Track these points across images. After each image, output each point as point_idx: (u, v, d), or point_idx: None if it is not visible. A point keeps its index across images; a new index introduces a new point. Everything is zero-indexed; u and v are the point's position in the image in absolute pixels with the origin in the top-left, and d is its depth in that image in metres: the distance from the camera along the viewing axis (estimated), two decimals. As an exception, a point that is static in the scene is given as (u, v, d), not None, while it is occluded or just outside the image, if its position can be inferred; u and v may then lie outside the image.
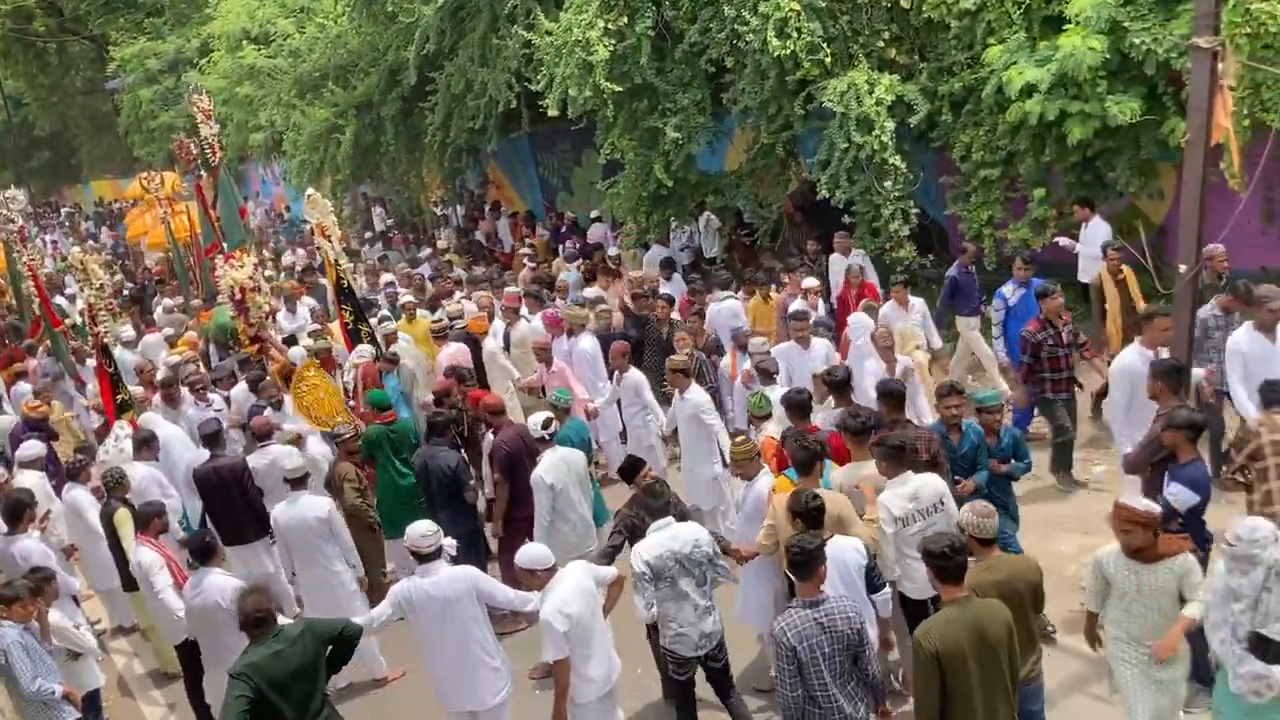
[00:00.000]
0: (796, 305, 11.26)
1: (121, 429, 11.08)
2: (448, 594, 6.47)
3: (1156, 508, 5.71)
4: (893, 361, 9.48)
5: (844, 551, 6.23)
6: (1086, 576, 6.21)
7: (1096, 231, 11.49)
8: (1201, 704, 6.48)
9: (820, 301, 11.93)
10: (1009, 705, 5.26)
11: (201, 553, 7.42)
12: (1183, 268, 7.55)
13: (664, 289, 13.18)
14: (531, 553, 6.32)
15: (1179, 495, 6.35)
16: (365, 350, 11.70)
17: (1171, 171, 11.43)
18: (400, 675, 8.71)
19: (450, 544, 7.02)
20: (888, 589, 6.48)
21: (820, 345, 10.33)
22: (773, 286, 12.48)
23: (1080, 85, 10.51)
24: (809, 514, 6.11)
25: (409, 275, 16.86)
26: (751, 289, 12.54)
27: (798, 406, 7.93)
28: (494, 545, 9.36)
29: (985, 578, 5.54)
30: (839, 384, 8.41)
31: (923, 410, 9.51)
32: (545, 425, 8.34)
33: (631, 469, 7.25)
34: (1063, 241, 11.85)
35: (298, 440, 9.87)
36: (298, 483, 8.37)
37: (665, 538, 6.51)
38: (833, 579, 5.93)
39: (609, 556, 7.17)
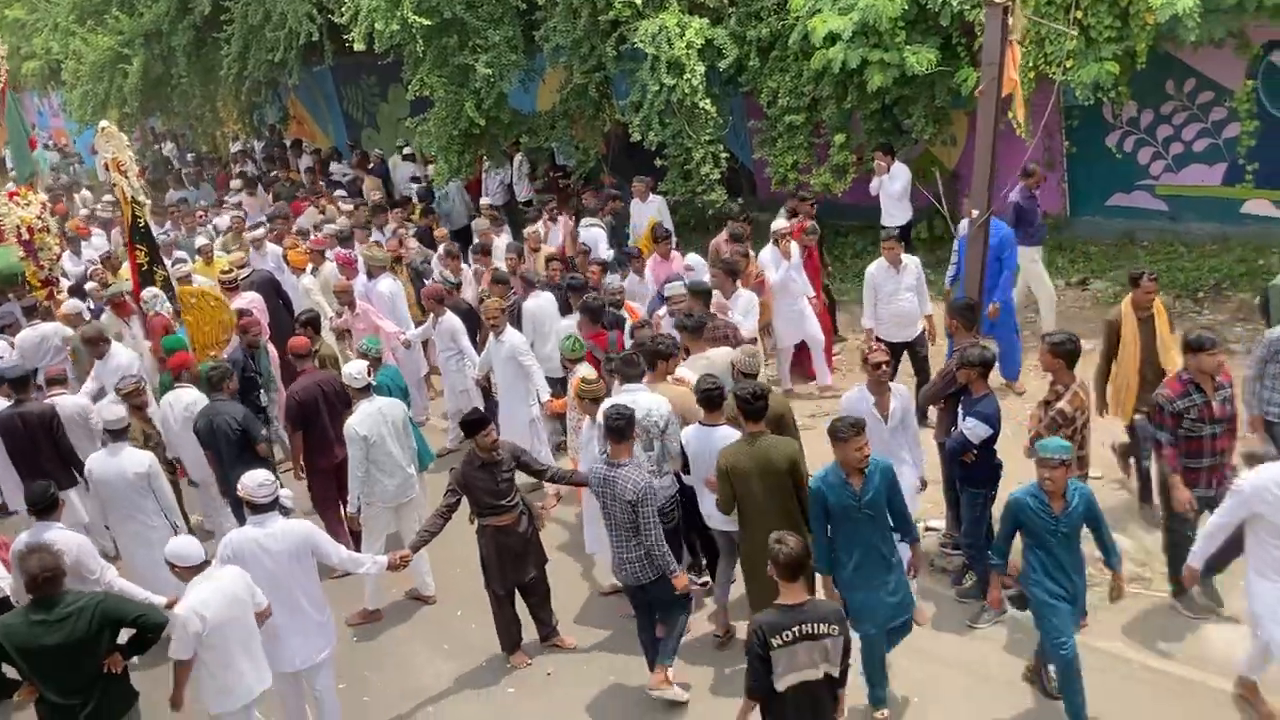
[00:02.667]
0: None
1: None
2: (281, 547, 6.25)
3: None
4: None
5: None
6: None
7: (898, 175, 11.98)
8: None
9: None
10: (790, 518, 6.34)
11: (43, 506, 6.89)
12: (974, 212, 7.98)
13: (500, 240, 12.96)
14: (178, 547, 6.06)
15: (974, 429, 6.77)
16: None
17: (964, 119, 12.05)
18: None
19: (287, 495, 6.81)
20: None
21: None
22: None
23: (881, 35, 10.89)
24: (709, 397, 6.89)
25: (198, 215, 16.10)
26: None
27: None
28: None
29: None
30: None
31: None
32: (368, 373, 8.08)
33: (473, 424, 7.03)
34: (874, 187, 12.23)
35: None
36: (119, 434, 7.90)
37: (626, 400, 7.05)
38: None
39: (445, 515, 7.07)
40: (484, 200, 14.37)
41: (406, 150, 18.25)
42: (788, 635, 5.02)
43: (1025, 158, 9.70)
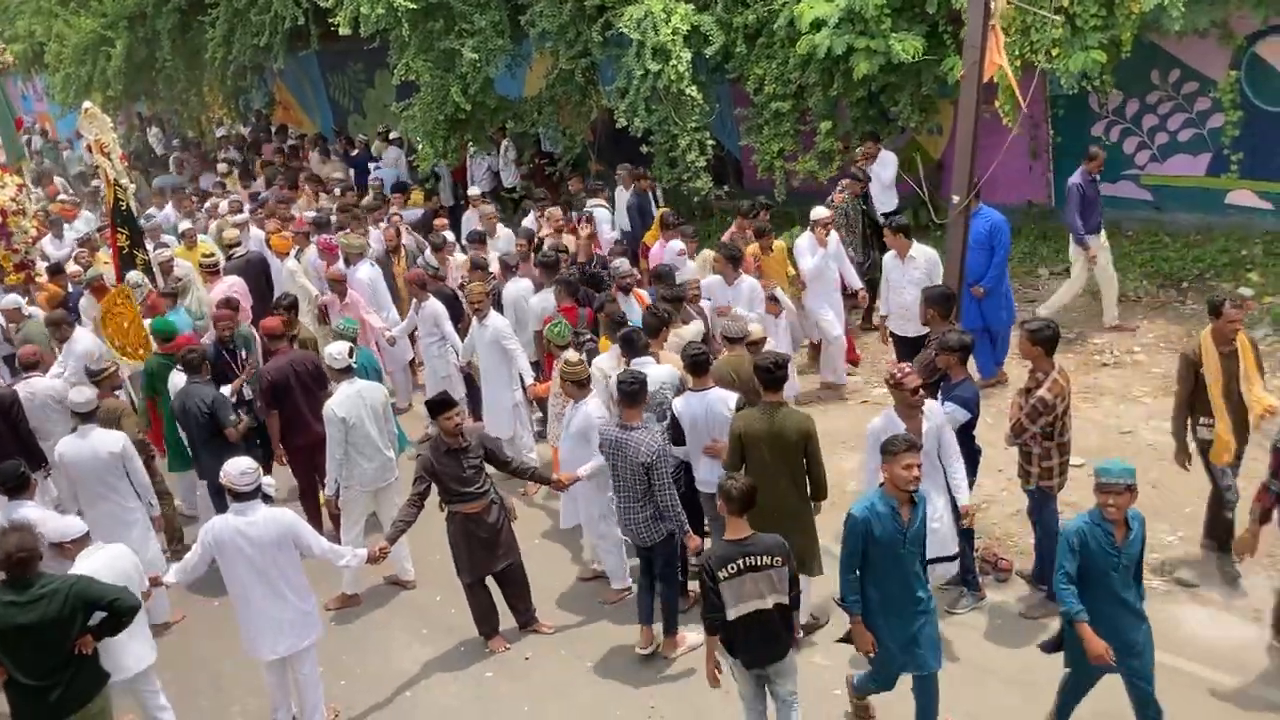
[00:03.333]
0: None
1: None
2: (262, 536, 6.21)
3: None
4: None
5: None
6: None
7: (887, 163, 11.96)
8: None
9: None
10: (795, 486, 6.55)
11: (14, 485, 6.84)
12: (955, 199, 7.98)
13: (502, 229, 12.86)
14: (59, 525, 6.05)
15: (954, 414, 6.77)
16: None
17: (950, 108, 12.00)
18: (180, 618, 8.36)
19: (269, 483, 6.77)
20: None
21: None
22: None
23: (867, 22, 10.85)
24: (696, 363, 7.00)
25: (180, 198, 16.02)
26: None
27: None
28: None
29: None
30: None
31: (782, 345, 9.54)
32: (349, 354, 8.03)
33: (439, 405, 7.04)
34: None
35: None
36: (87, 416, 7.85)
37: (656, 372, 7.38)
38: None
39: (417, 503, 7.03)
40: (473, 190, 14.19)
41: (393, 135, 18.14)
42: (733, 568, 5.34)
43: (1007, 146, 9.67)
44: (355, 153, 19.25)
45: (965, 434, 6.87)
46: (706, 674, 5.60)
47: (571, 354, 7.84)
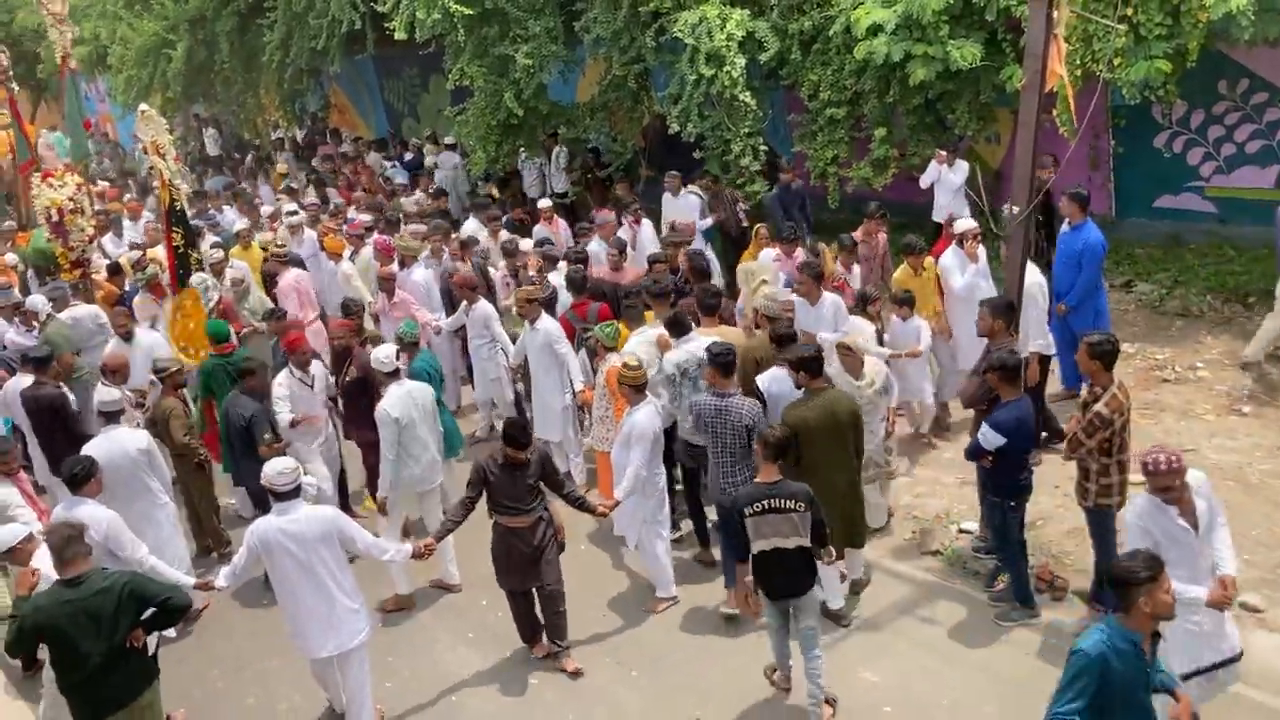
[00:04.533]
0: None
1: None
2: (305, 533, 6.21)
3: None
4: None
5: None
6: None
7: (958, 169, 11.86)
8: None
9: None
10: (847, 471, 6.94)
11: (75, 480, 6.91)
12: (1015, 209, 7.82)
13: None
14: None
15: (986, 435, 6.64)
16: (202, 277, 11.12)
17: (1008, 117, 11.84)
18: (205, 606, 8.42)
19: (310, 482, 6.77)
20: None
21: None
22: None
23: (924, 28, 10.72)
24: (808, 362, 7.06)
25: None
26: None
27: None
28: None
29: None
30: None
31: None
32: (396, 357, 8.10)
33: (514, 439, 6.81)
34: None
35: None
36: (111, 416, 7.95)
37: (694, 347, 7.76)
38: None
39: (467, 507, 6.94)
40: (544, 203, 13.80)
41: (447, 140, 18.22)
42: (758, 506, 5.95)
43: (1066, 157, 9.49)
44: (409, 156, 19.38)
45: (1009, 459, 6.71)
46: (737, 600, 6.45)
47: (630, 357, 7.80)
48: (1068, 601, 7.15)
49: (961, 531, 8.06)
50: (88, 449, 7.84)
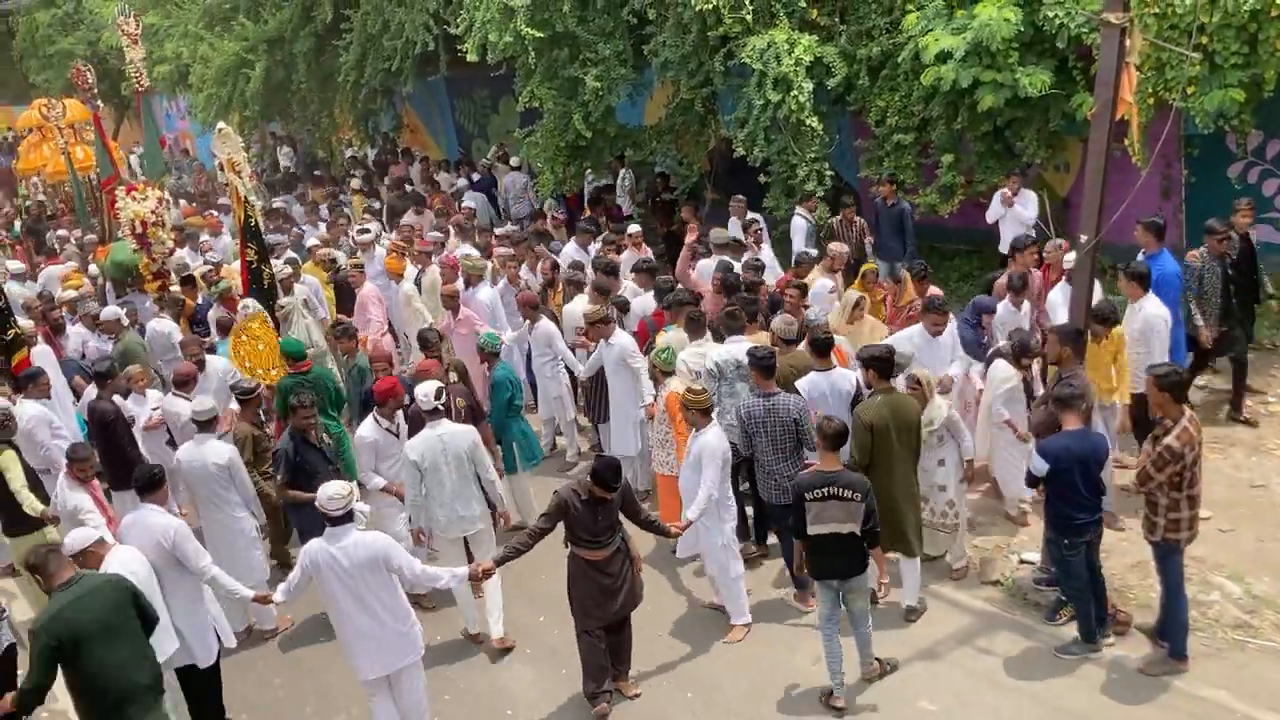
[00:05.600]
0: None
1: None
2: (356, 559, 6.27)
3: None
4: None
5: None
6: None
7: (1028, 201, 11.75)
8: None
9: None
10: (908, 466, 7.33)
11: (145, 486, 7.03)
12: (1083, 238, 7.76)
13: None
14: (74, 535, 6.41)
15: (1033, 459, 6.66)
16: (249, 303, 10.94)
17: (1077, 145, 11.72)
18: (288, 625, 8.58)
19: (363, 508, 6.85)
20: None
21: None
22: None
23: (994, 55, 10.67)
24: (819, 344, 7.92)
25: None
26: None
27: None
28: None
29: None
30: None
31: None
32: (436, 396, 7.80)
33: (605, 481, 6.63)
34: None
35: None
36: (205, 425, 8.13)
37: (736, 349, 8.36)
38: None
39: (536, 536, 6.76)
40: (633, 228, 13.53)
41: (514, 161, 18.46)
42: (818, 493, 6.44)
43: (1137, 185, 9.36)
44: (477, 177, 19.66)
45: (1061, 490, 6.62)
46: (795, 567, 6.93)
47: (694, 381, 7.85)
48: (1131, 635, 7.05)
49: (1023, 562, 7.98)
50: (179, 453, 8.17)
